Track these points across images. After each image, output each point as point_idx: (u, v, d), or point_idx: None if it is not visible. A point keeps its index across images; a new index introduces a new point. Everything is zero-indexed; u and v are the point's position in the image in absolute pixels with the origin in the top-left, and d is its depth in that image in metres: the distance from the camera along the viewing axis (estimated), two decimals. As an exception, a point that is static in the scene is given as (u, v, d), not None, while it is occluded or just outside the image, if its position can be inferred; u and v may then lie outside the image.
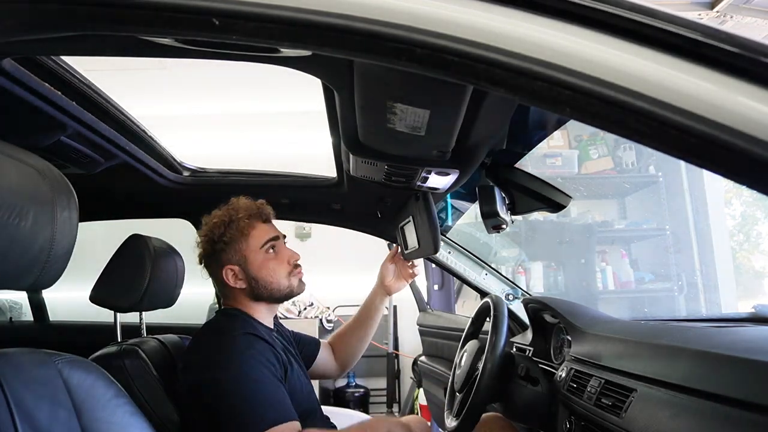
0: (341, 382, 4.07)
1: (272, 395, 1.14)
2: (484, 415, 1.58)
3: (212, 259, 1.37)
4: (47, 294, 2.43)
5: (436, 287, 3.42)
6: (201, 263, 1.41)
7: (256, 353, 1.19)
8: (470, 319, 1.65)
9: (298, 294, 1.40)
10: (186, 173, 1.70)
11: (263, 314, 1.38)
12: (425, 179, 1.31)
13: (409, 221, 1.55)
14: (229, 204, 1.39)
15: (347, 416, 2.70)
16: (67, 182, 0.77)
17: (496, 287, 1.91)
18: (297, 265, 1.39)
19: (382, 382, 3.92)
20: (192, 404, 1.22)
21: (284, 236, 1.42)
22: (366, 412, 3.52)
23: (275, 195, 1.80)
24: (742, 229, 4.20)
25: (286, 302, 1.53)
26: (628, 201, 3.90)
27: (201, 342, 1.29)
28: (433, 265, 2.76)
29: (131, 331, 1.54)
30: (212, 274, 1.39)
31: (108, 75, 1.72)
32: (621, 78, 0.47)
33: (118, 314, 1.50)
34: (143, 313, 1.57)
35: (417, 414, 3.14)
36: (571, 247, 3.69)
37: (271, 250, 1.36)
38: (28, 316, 2.53)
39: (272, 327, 1.42)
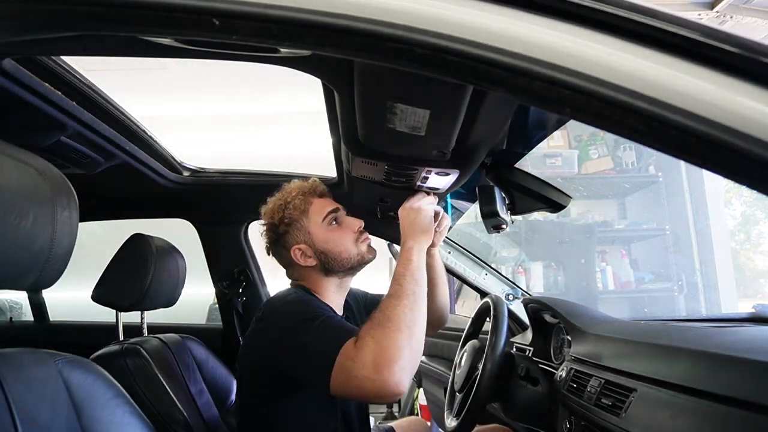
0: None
1: (331, 329, 1.10)
2: (483, 427, 1.58)
3: (278, 244, 1.35)
4: (47, 294, 2.43)
5: (436, 287, 3.41)
6: (269, 254, 1.39)
7: (316, 312, 1.15)
8: (470, 319, 1.65)
9: (370, 260, 1.38)
10: (186, 173, 1.70)
11: (333, 292, 1.35)
12: (425, 179, 1.31)
13: None
14: (281, 189, 1.39)
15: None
16: (67, 182, 0.77)
17: (496, 287, 1.91)
18: (362, 232, 1.37)
19: (382, 382, 3.91)
20: (258, 368, 1.19)
21: (345, 209, 1.40)
22: (366, 411, 3.52)
23: (275, 195, 1.80)
24: (743, 228, 4.20)
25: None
26: (628, 201, 3.90)
27: (276, 310, 1.23)
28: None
29: (131, 331, 1.54)
30: (281, 259, 1.37)
31: (108, 75, 1.72)
32: (621, 78, 0.47)
33: (120, 313, 1.50)
34: (144, 312, 1.58)
35: (417, 414, 3.13)
36: (571, 247, 3.69)
37: (334, 222, 1.34)
38: (28, 316, 2.53)
39: (341, 312, 1.38)
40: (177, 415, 1.28)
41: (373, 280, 1.83)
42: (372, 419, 2.88)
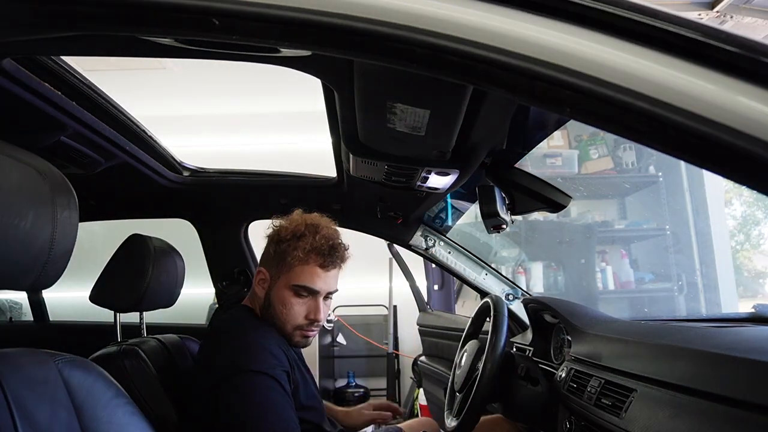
0: (341, 382, 4.07)
1: (274, 420, 1.10)
2: (486, 417, 1.58)
3: (265, 251, 1.35)
4: (47, 294, 2.43)
5: (436, 287, 3.42)
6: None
7: (267, 370, 1.15)
8: (470, 319, 1.65)
9: (295, 347, 1.32)
10: (186, 173, 1.70)
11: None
12: (425, 179, 1.31)
13: None
14: (317, 221, 1.32)
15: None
16: (67, 182, 0.77)
17: (496, 287, 1.91)
18: (312, 323, 1.29)
19: (382, 382, 3.92)
20: (200, 399, 1.20)
21: (333, 292, 1.33)
22: None
23: (275, 195, 1.80)
24: (743, 229, 4.20)
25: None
26: (628, 201, 3.89)
27: (222, 342, 1.25)
28: (433, 265, 2.76)
29: (131, 331, 1.54)
30: (262, 257, 1.37)
31: (108, 75, 1.72)
32: (621, 78, 0.47)
33: (119, 314, 1.50)
34: (143, 312, 1.57)
35: (417, 414, 3.13)
36: (571, 247, 3.69)
37: (302, 295, 1.27)
38: (28, 316, 2.53)
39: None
40: (174, 416, 1.28)
41: (373, 282, 1.83)
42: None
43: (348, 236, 2.01)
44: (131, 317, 1.53)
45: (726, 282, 3.48)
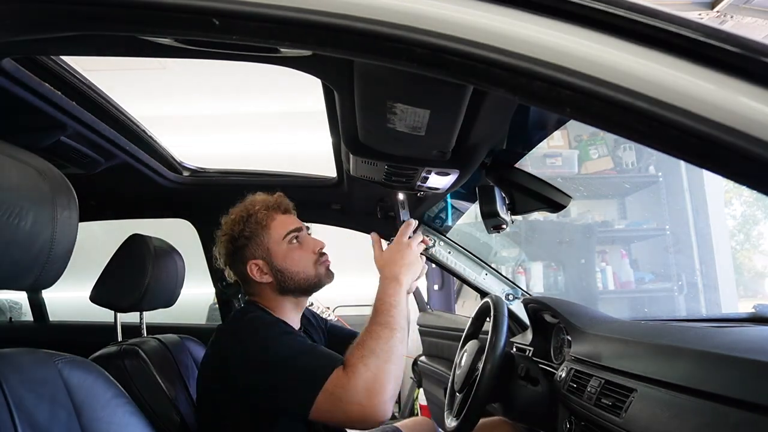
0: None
1: (311, 354, 1.12)
2: (488, 419, 1.58)
3: (235, 257, 1.33)
4: (47, 294, 2.43)
5: (436, 287, 3.43)
6: (225, 264, 1.37)
7: (283, 332, 1.18)
8: (470, 319, 1.65)
9: (327, 283, 1.36)
10: (186, 173, 1.70)
11: (288, 311, 1.33)
12: (425, 179, 1.31)
13: None
14: (245, 200, 1.37)
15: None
16: (67, 182, 0.77)
17: (496, 287, 1.91)
18: (323, 253, 1.35)
19: (382, 382, 3.91)
20: (220, 393, 1.17)
21: (308, 228, 1.39)
22: None
23: (275, 195, 1.80)
24: (743, 229, 4.20)
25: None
26: (628, 201, 3.89)
27: (233, 331, 1.25)
28: (433, 265, 2.76)
29: (131, 331, 1.54)
30: (237, 272, 1.35)
31: (108, 75, 1.71)
32: (621, 78, 0.47)
33: (118, 314, 1.50)
34: (143, 312, 1.57)
35: (417, 414, 3.13)
36: (571, 247, 3.69)
37: (295, 241, 1.32)
38: (28, 316, 2.53)
39: (299, 326, 1.37)
40: (174, 416, 1.28)
41: (373, 282, 1.83)
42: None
43: (348, 236, 2.01)
44: (131, 317, 1.54)
45: (726, 282, 3.48)
